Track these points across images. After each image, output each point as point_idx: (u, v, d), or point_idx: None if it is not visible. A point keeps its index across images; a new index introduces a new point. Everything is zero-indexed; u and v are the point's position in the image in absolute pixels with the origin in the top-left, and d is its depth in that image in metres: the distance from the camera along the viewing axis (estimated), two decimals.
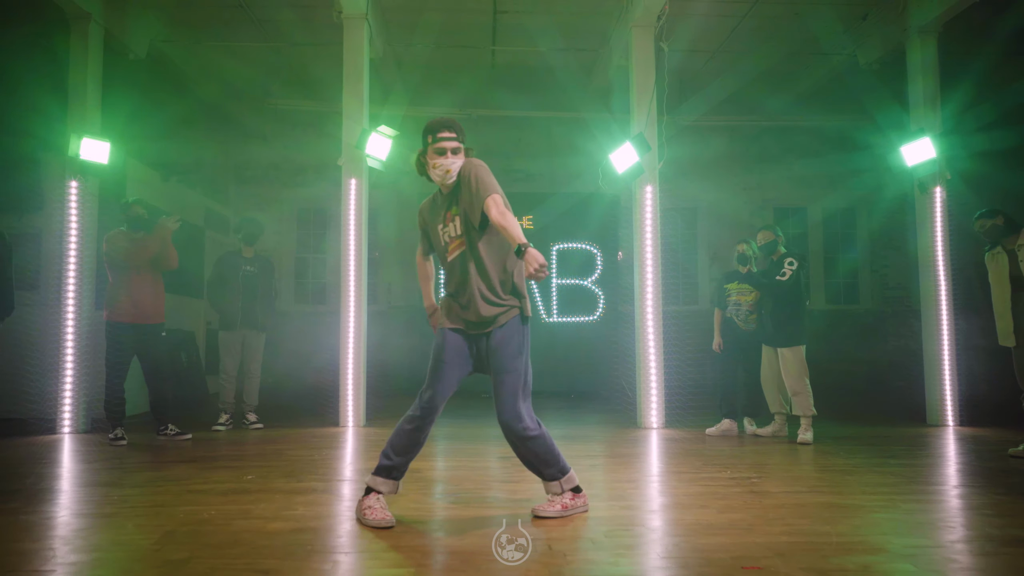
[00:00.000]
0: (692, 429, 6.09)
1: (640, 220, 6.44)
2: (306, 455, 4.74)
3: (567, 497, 3.16)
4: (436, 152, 2.99)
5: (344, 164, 6.39)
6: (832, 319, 10.75)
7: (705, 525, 2.98)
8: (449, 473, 4.29)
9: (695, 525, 2.99)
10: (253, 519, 3.03)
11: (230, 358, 6.19)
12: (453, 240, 3.05)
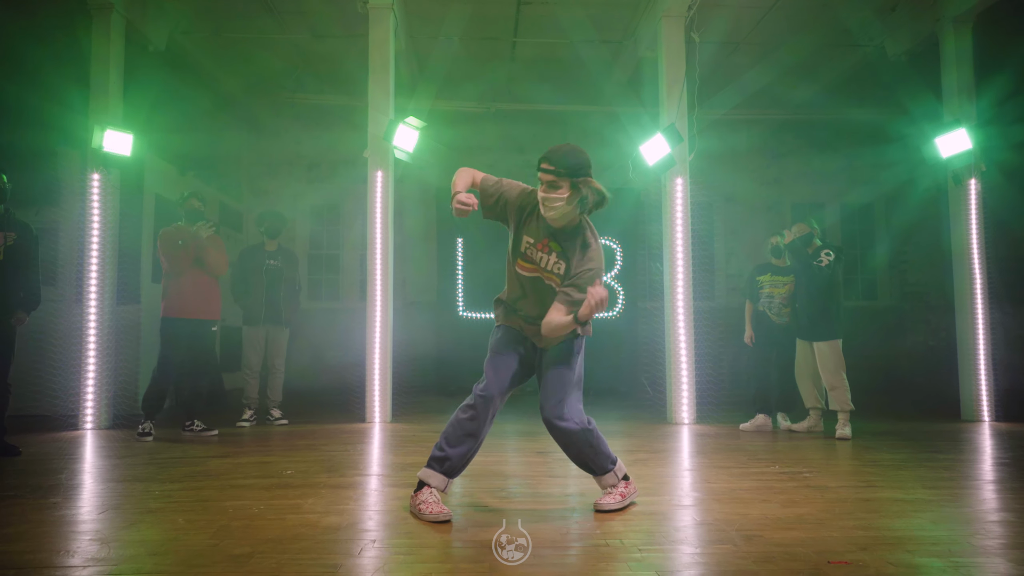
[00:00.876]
0: (724, 424, 6.00)
1: (671, 213, 6.35)
2: (339, 450, 4.64)
3: (622, 486, 3.10)
4: (547, 185, 2.79)
5: (370, 156, 6.29)
6: (852, 316, 10.64)
7: (774, 519, 2.88)
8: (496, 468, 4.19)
9: (763, 519, 2.88)
10: (305, 514, 2.93)
11: (254, 353, 6.08)
12: (539, 267, 2.91)
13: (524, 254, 2.94)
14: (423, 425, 5.97)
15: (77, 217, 6.26)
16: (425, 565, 2.29)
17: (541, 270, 2.91)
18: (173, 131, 7.98)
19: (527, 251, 2.93)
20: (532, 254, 2.92)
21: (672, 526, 2.80)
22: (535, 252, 2.91)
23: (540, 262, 2.91)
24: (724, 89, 8.13)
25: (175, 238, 5.40)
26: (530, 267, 2.94)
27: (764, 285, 5.92)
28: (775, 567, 2.27)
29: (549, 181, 2.77)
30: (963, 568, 2.27)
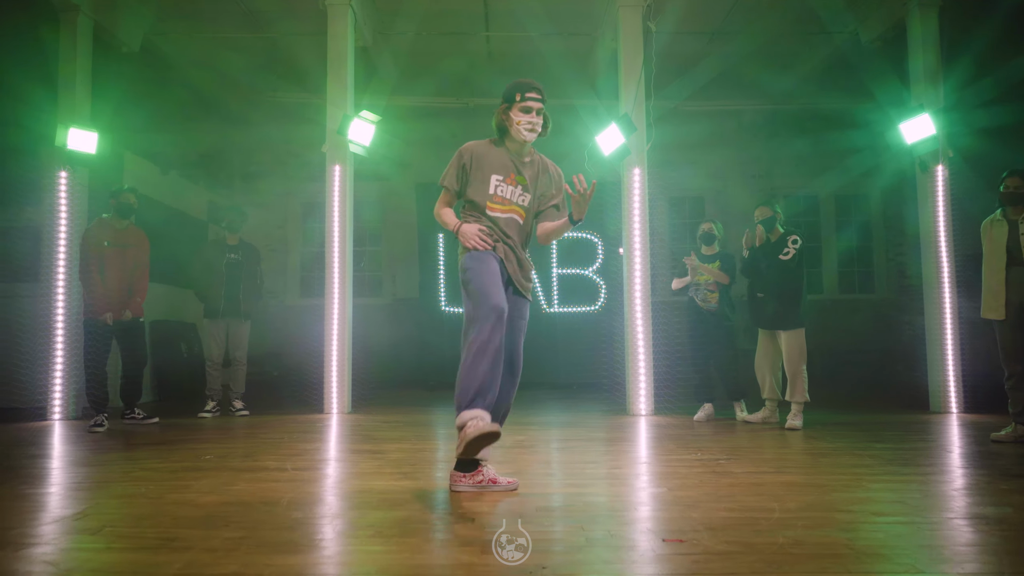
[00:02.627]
0: (682, 416, 5.96)
1: (628, 204, 6.32)
2: (275, 438, 4.71)
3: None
4: (522, 110, 3.09)
5: (328, 151, 6.37)
6: (846, 308, 10.49)
7: (651, 501, 2.87)
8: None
9: (638, 503, 2.88)
10: (188, 493, 3.00)
11: (215, 346, 6.21)
12: (510, 203, 3.14)
13: (494, 194, 3.12)
14: (380, 416, 6.03)
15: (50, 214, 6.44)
16: (243, 553, 2.33)
17: (511, 204, 3.12)
18: (152, 131, 8.17)
19: (498, 188, 3.12)
20: (503, 190, 3.12)
21: (536, 506, 2.80)
22: (505, 187, 3.13)
23: (510, 196, 3.13)
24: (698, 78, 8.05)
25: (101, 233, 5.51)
26: (502, 205, 3.13)
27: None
28: (611, 544, 2.27)
29: (538, 108, 3.11)
30: (804, 546, 2.24)
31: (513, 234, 3.14)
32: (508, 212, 3.13)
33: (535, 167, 3.22)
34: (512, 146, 3.16)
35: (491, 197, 3.11)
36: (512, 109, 3.10)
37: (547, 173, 3.26)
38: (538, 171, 3.22)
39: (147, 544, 2.25)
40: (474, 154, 3.15)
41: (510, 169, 3.15)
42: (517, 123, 3.08)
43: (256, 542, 2.26)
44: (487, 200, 3.11)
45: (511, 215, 3.14)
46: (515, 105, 3.09)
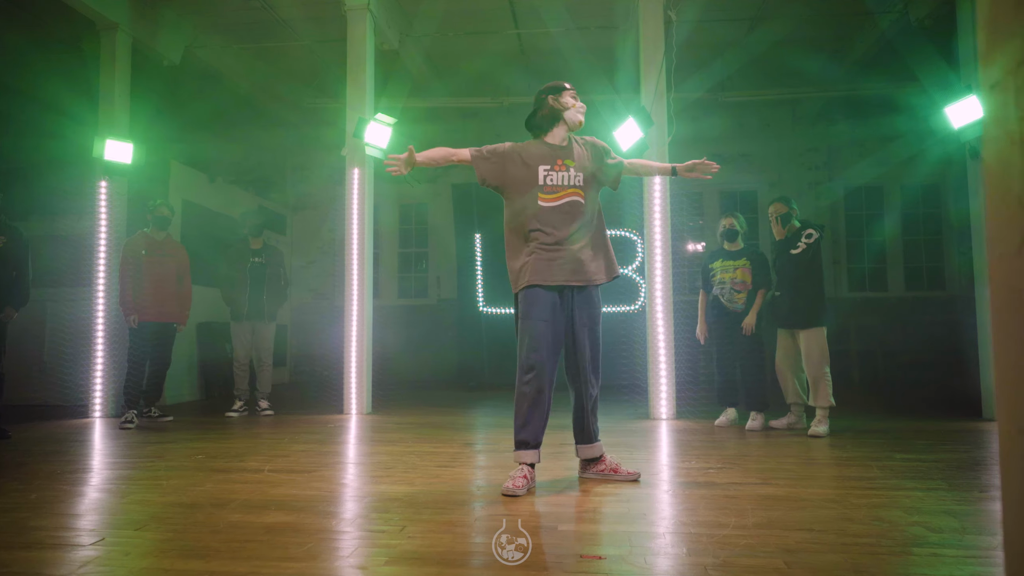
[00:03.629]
0: (706, 420, 5.70)
1: (648, 201, 6.11)
2: (277, 438, 4.79)
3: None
4: (572, 96, 3.33)
5: (348, 154, 6.45)
6: (912, 306, 9.84)
7: (592, 515, 2.74)
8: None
9: (582, 514, 2.75)
10: (149, 493, 3.06)
11: (241, 347, 6.39)
12: (564, 188, 3.25)
13: (544, 183, 3.23)
14: (397, 417, 6.06)
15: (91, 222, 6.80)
16: (152, 559, 2.34)
17: (566, 188, 3.24)
18: (195, 140, 8.51)
19: (547, 178, 3.24)
20: (553, 178, 3.25)
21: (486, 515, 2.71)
22: (555, 175, 3.25)
23: (563, 181, 3.25)
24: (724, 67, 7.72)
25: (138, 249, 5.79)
26: (554, 194, 3.24)
27: (716, 272, 5.56)
28: (532, 559, 2.17)
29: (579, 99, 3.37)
30: (732, 569, 2.07)
31: (574, 221, 3.22)
32: (565, 197, 3.23)
33: (577, 146, 3.36)
34: (553, 136, 3.33)
35: (542, 188, 3.24)
36: (562, 96, 3.31)
37: (589, 145, 3.41)
38: (581, 148, 3.37)
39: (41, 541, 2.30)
40: (517, 149, 3.31)
41: (556, 156, 3.29)
42: (572, 107, 3.30)
43: (170, 546, 2.28)
44: (538, 192, 3.23)
45: (570, 199, 3.24)
46: (564, 92, 3.32)
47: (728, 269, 5.48)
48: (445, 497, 3.00)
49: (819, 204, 10.20)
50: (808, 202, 10.15)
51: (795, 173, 10.26)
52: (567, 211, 3.23)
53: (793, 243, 5.09)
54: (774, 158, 10.26)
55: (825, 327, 5.09)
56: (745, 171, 10.26)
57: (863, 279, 10.34)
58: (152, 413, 5.91)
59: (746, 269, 5.39)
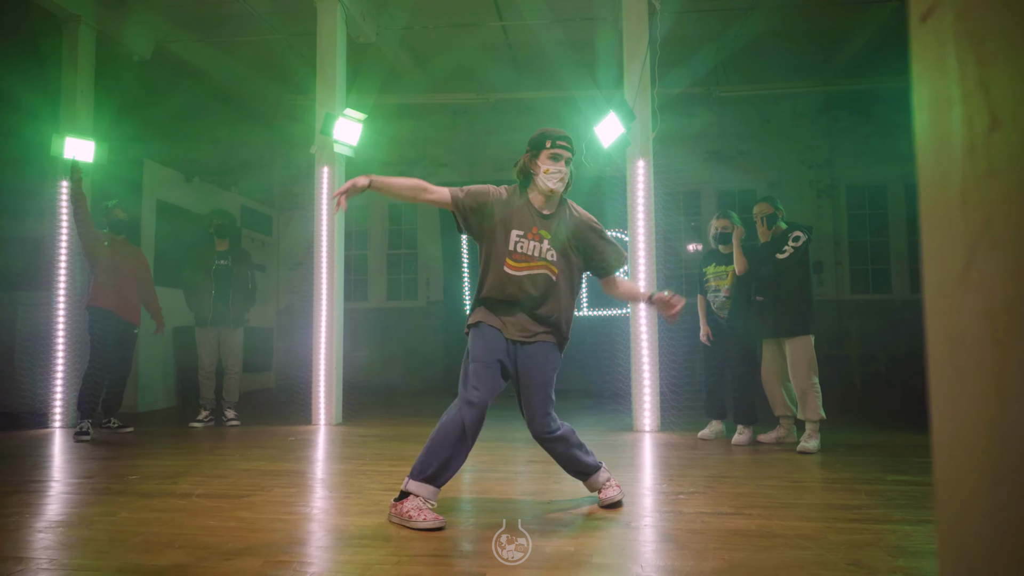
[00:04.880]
0: (690, 432, 5.37)
1: (632, 199, 5.79)
2: (228, 454, 4.50)
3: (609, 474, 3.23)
4: (551, 157, 2.90)
5: (316, 152, 6.16)
6: (916, 310, 9.47)
7: (534, 557, 2.43)
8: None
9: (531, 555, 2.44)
10: (42, 518, 2.77)
11: (206, 355, 6.12)
12: (535, 260, 2.91)
13: (514, 250, 2.90)
14: (366, 428, 5.76)
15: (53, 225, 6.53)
16: None
17: (534, 259, 2.90)
18: (170, 137, 8.24)
19: (518, 244, 2.90)
20: (524, 246, 2.91)
21: None
22: (527, 243, 2.91)
23: (533, 251, 2.91)
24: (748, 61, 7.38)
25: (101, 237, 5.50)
26: (522, 263, 2.90)
27: (709, 277, 5.24)
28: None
29: (568, 158, 2.91)
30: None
31: (538, 293, 2.91)
32: (534, 269, 2.90)
33: (560, 217, 2.98)
34: (535, 198, 2.96)
35: (510, 254, 2.90)
36: (539, 156, 2.91)
37: (576, 221, 3.01)
38: (565, 221, 2.98)
39: None
40: (501, 200, 2.93)
41: (532, 223, 2.93)
42: (545, 171, 2.89)
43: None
44: (506, 257, 2.90)
45: (539, 272, 2.90)
46: (543, 152, 2.90)
47: (720, 275, 5.15)
48: (373, 532, 2.70)
49: (820, 203, 9.86)
50: (809, 201, 9.82)
51: (795, 171, 9.90)
52: (535, 283, 2.90)
53: (779, 246, 4.76)
54: (773, 156, 9.92)
55: (812, 335, 4.76)
56: (743, 169, 9.92)
57: (866, 281, 9.98)
58: (111, 424, 5.63)
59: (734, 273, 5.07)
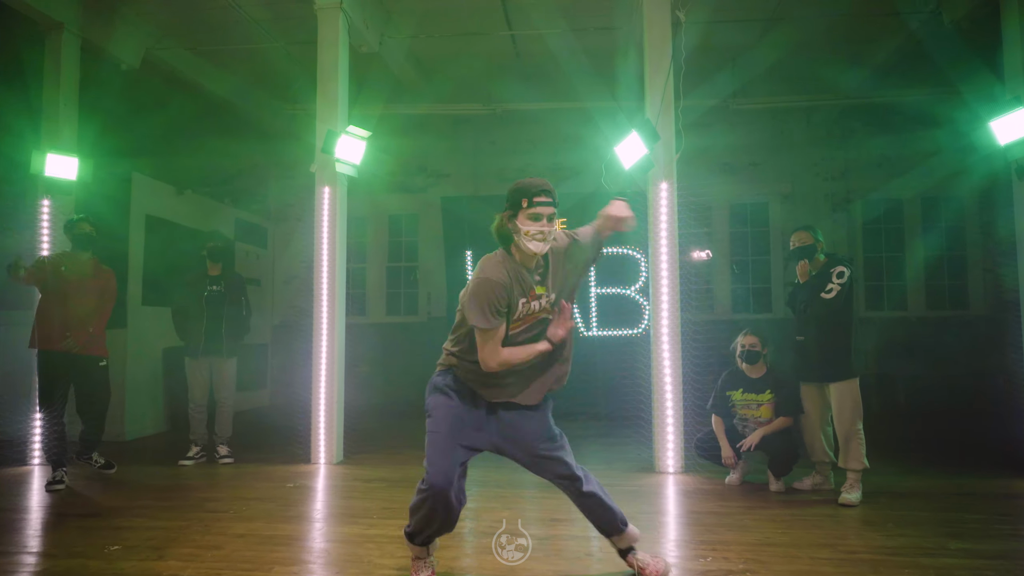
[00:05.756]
0: (713, 476, 5.00)
1: (655, 224, 5.42)
2: (223, 509, 4.11)
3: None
4: (531, 217, 2.64)
5: (317, 171, 5.77)
6: (933, 328, 9.16)
7: None
8: None
9: None
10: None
11: (197, 387, 5.72)
12: (535, 314, 2.74)
13: (517, 318, 2.70)
14: (370, 468, 5.38)
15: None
16: None
17: (536, 314, 2.73)
18: (161, 151, 7.84)
19: (520, 316, 2.70)
20: (526, 308, 2.71)
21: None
22: (530, 305, 2.72)
23: (536, 309, 2.73)
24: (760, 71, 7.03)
25: (57, 264, 5.04)
26: (522, 322, 2.72)
27: (736, 404, 4.80)
28: None
29: (550, 214, 2.67)
30: None
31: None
32: (533, 321, 2.74)
33: (549, 261, 2.77)
34: (521, 256, 2.71)
35: (514, 322, 2.71)
36: (518, 216, 2.65)
37: (563, 255, 2.81)
38: (555, 262, 2.78)
39: None
40: (504, 287, 2.64)
41: (529, 284, 2.71)
42: (526, 233, 2.64)
43: None
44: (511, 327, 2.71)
45: (539, 319, 2.75)
46: (521, 212, 2.65)
47: (751, 405, 4.74)
48: None
49: (836, 217, 9.53)
50: (824, 215, 9.48)
51: (810, 184, 9.56)
52: (534, 334, 2.77)
53: (822, 283, 4.40)
54: (787, 169, 9.56)
55: (858, 378, 4.41)
56: (755, 181, 9.57)
57: (880, 297, 9.65)
58: (93, 462, 5.21)
59: (770, 404, 4.68)
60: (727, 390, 4.88)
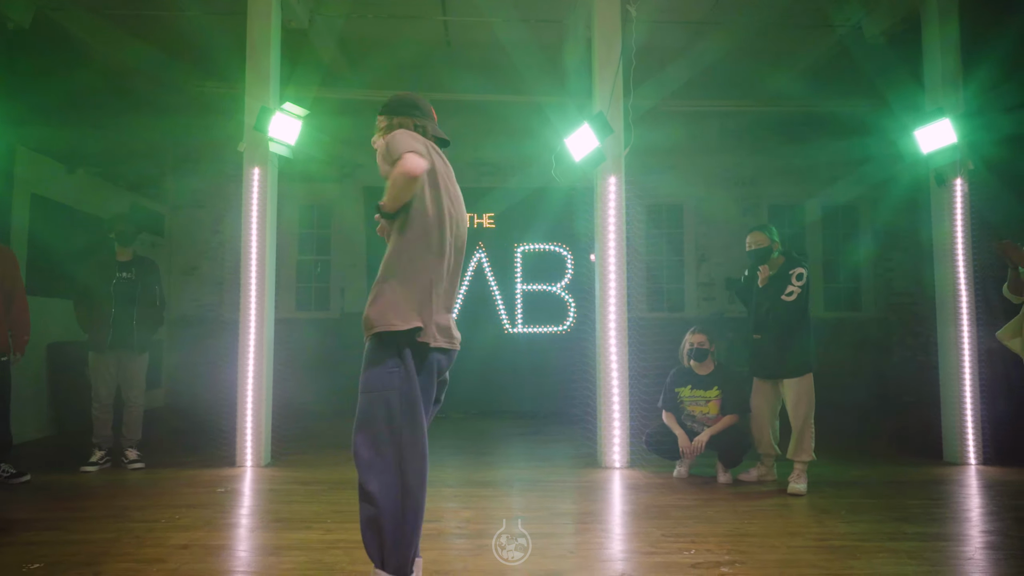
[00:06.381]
0: (660, 471, 5.01)
1: (602, 216, 5.38)
2: (151, 518, 3.67)
3: None
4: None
5: (246, 150, 5.32)
6: (832, 329, 9.69)
7: None
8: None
9: None
10: None
11: (103, 384, 5.12)
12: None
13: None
14: (302, 471, 5.01)
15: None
16: None
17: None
18: (51, 123, 7.02)
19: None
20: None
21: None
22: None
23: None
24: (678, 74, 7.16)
25: None
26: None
27: (684, 400, 4.85)
28: None
29: (379, 126, 2.67)
30: None
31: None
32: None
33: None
34: None
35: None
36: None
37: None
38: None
39: None
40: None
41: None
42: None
43: None
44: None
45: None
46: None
47: (698, 401, 4.79)
48: None
49: (744, 220, 9.91)
50: (734, 218, 9.82)
51: (721, 188, 9.89)
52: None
53: (782, 286, 4.49)
54: (700, 172, 9.83)
55: (813, 372, 4.54)
56: (671, 183, 9.77)
57: None
58: (2, 472, 4.55)
59: (717, 401, 4.74)
60: (675, 387, 4.90)
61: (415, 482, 2.33)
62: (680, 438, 4.72)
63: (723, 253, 9.63)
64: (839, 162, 9.33)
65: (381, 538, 2.28)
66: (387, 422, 2.35)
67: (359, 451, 2.35)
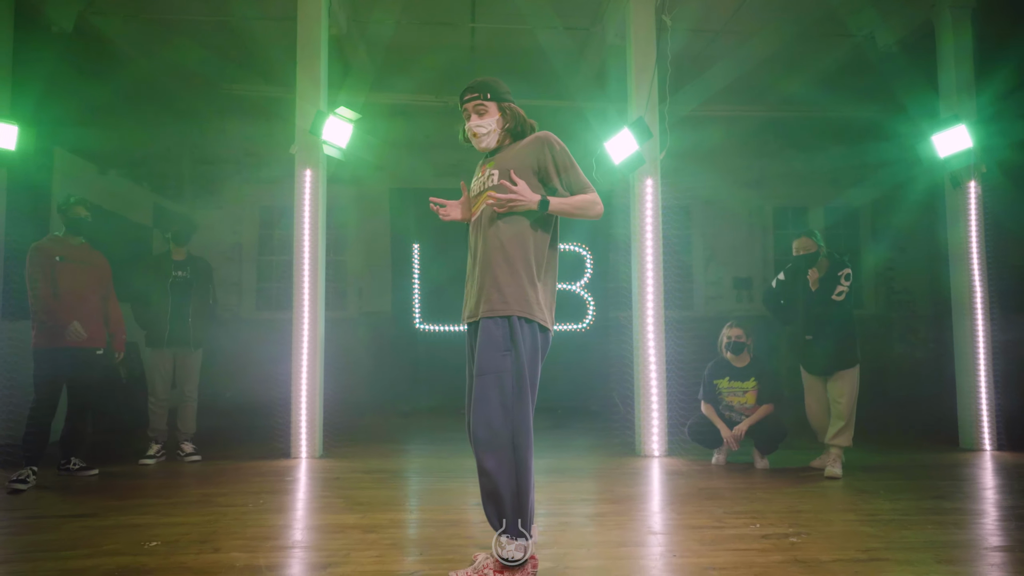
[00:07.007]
0: (698, 459, 5.27)
1: (640, 217, 5.64)
2: (239, 503, 3.86)
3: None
4: (464, 117, 2.80)
5: (297, 152, 5.52)
6: None
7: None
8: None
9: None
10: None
11: (160, 380, 5.28)
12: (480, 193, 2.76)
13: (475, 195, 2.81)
14: (357, 461, 5.20)
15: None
16: None
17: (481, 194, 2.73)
18: (89, 125, 7.14)
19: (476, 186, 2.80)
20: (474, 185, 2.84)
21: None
22: (476, 181, 2.82)
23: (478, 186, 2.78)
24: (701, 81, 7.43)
25: (51, 253, 4.57)
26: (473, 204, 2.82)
27: (723, 392, 5.10)
28: None
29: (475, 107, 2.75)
30: None
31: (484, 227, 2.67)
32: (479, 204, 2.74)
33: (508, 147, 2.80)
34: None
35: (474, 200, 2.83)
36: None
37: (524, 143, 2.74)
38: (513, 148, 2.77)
39: None
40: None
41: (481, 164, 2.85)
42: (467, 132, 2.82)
43: None
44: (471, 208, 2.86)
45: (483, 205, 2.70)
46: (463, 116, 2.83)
47: (736, 392, 5.05)
48: None
49: (751, 221, 10.22)
50: (742, 221, 10.14)
51: (729, 191, 10.18)
52: (478, 224, 2.74)
53: (831, 287, 4.77)
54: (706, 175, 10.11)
55: (859, 364, 4.84)
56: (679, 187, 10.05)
57: None
58: (71, 466, 4.70)
59: (755, 391, 5.01)
60: (713, 379, 5.16)
61: (526, 455, 2.53)
62: (722, 429, 4.98)
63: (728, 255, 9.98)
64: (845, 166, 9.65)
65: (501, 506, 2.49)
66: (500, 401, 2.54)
67: (476, 431, 2.54)
